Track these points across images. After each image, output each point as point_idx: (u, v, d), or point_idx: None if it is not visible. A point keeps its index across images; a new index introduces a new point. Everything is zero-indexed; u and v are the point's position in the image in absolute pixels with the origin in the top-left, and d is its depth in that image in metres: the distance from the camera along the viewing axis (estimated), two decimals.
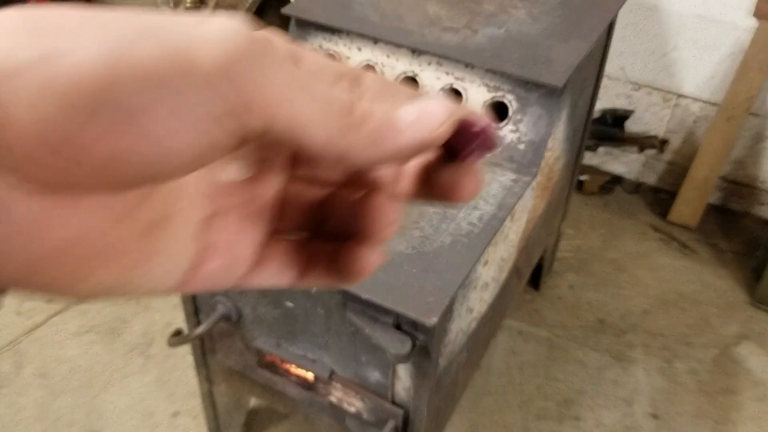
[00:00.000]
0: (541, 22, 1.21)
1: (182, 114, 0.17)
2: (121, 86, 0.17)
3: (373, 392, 1.01)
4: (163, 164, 0.18)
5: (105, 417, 1.50)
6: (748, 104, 1.94)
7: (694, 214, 2.12)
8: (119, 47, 0.17)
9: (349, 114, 0.20)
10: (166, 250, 0.22)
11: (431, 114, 0.22)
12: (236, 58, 0.18)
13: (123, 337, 1.69)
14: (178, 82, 0.17)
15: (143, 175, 0.18)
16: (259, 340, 1.07)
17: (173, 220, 0.22)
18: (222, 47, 0.18)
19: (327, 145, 0.20)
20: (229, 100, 0.18)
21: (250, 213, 0.25)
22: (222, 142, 0.18)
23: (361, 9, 1.22)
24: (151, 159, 0.18)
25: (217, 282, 0.24)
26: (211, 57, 0.18)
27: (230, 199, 0.24)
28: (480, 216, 0.99)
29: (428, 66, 1.14)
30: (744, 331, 1.80)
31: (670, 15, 2.01)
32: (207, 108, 0.18)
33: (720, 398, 1.62)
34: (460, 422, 1.52)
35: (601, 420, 1.55)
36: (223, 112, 0.18)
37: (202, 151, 0.18)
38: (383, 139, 0.21)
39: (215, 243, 0.24)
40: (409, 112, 0.22)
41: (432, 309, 0.83)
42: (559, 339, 1.74)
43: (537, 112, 1.08)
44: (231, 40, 0.18)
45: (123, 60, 0.17)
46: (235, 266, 0.25)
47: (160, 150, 0.17)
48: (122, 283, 0.21)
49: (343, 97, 0.20)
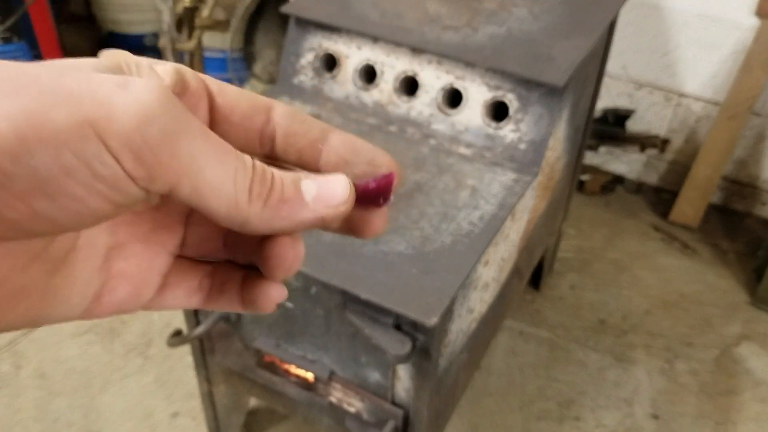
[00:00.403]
0: (542, 20, 1.20)
1: (90, 183, 0.18)
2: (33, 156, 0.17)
3: (373, 393, 1.00)
4: (72, 223, 0.19)
5: (103, 418, 1.50)
6: (750, 103, 1.94)
7: (696, 214, 2.11)
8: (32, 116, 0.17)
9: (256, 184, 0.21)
10: (73, 284, 0.23)
11: (333, 188, 0.23)
12: (148, 130, 0.18)
13: (122, 337, 1.68)
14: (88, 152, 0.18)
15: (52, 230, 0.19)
16: (258, 340, 1.07)
17: (77, 255, 0.23)
18: (136, 118, 0.18)
19: (230, 214, 0.21)
20: (137, 170, 0.19)
21: (153, 241, 0.26)
22: (127, 203, 0.19)
23: (361, 7, 1.22)
24: (60, 221, 0.19)
25: (124, 308, 0.25)
26: (124, 127, 0.18)
27: (133, 229, 0.25)
28: (481, 216, 0.99)
29: (428, 65, 1.14)
30: (745, 331, 1.79)
31: (671, 14, 2.00)
32: (114, 176, 0.18)
33: (721, 399, 1.61)
34: (460, 423, 1.51)
35: (602, 421, 1.54)
36: (130, 180, 0.19)
37: (108, 212, 0.19)
38: (287, 212, 0.22)
39: (120, 272, 0.24)
40: (311, 183, 0.23)
41: (432, 309, 0.83)
42: (559, 339, 1.74)
43: (538, 112, 1.08)
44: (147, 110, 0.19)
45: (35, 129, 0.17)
46: (140, 293, 0.25)
47: (69, 213, 0.19)
48: (37, 316, 0.22)
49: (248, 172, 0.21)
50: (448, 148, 1.12)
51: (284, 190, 0.22)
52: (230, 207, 0.21)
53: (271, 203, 0.22)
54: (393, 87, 1.17)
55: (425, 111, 1.15)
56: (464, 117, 1.13)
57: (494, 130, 1.11)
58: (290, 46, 1.24)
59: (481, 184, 1.05)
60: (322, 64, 1.22)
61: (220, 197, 0.20)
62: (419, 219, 0.98)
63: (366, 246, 0.92)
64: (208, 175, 0.20)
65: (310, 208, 0.23)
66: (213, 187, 0.20)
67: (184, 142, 0.19)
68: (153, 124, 0.19)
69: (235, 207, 0.21)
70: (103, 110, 0.18)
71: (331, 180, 0.23)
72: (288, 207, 0.22)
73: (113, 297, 0.24)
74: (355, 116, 1.18)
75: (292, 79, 1.24)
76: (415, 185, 1.04)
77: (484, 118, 1.11)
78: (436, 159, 1.10)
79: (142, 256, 0.25)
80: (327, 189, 0.23)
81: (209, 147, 0.20)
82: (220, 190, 0.20)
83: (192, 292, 0.27)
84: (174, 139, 0.19)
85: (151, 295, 0.25)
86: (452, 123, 1.14)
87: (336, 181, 0.23)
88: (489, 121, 1.11)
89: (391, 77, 1.17)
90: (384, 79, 1.17)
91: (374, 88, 1.18)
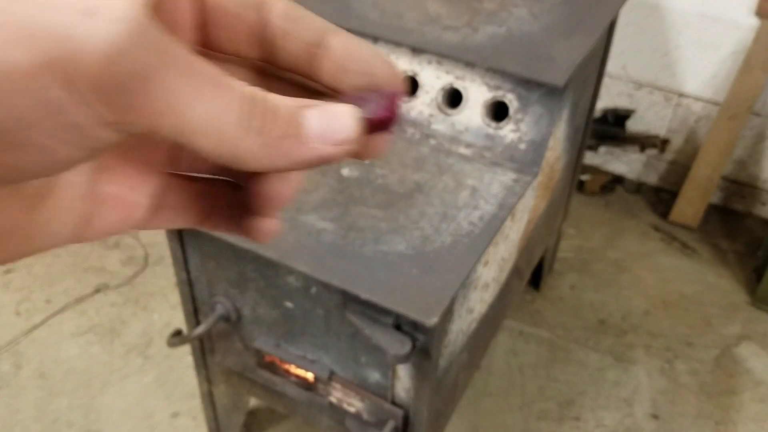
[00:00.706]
0: (542, 20, 1.21)
1: (57, 133, 0.16)
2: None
3: (373, 393, 1.01)
4: (42, 172, 0.18)
5: (103, 418, 1.50)
6: (750, 103, 1.94)
7: (696, 214, 2.11)
8: None
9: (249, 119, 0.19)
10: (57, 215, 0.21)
11: (339, 125, 0.21)
12: (118, 68, 0.16)
13: (122, 337, 1.68)
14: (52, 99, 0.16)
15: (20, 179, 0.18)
16: (258, 340, 1.07)
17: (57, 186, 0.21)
18: (103, 55, 0.16)
19: (220, 152, 0.19)
20: (109, 115, 0.17)
21: (141, 161, 0.24)
22: (105, 145, 0.18)
23: (361, 7, 1.22)
24: (36, 169, 0.17)
25: (116, 231, 0.24)
26: (90, 68, 0.16)
27: (117, 150, 0.23)
28: (481, 216, 0.99)
29: (428, 65, 1.14)
30: (745, 331, 1.79)
31: (672, 13, 2.00)
32: (84, 124, 0.17)
33: (721, 399, 1.61)
34: (460, 423, 1.51)
35: (602, 421, 1.54)
36: (103, 126, 0.17)
37: (82, 158, 0.18)
38: (286, 150, 0.20)
39: (107, 196, 0.23)
40: (315, 116, 0.20)
41: (432, 309, 0.83)
42: (559, 340, 1.74)
43: (538, 112, 1.08)
44: (115, 44, 0.16)
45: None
46: (131, 215, 0.23)
47: (36, 164, 0.17)
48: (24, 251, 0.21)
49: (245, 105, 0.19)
50: (448, 148, 1.12)
51: (284, 125, 0.20)
52: (220, 145, 0.19)
53: (267, 140, 0.19)
54: None
55: (425, 111, 1.15)
56: (464, 117, 1.13)
57: (494, 130, 1.11)
58: None
59: (481, 184, 1.05)
60: None
61: (208, 135, 0.18)
62: (419, 219, 0.98)
63: (366, 246, 0.93)
64: (193, 113, 0.18)
65: (313, 145, 0.20)
66: (199, 125, 0.18)
67: (163, 77, 0.17)
68: (123, 61, 0.16)
69: (225, 144, 0.19)
70: (65, 47, 0.15)
71: (338, 113, 0.21)
72: (287, 144, 0.20)
73: (103, 221, 0.23)
74: None
75: None
76: (415, 185, 1.04)
77: (484, 118, 1.11)
78: (436, 159, 1.10)
79: (129, 177, 0.23)
80: (332, 123, 0.20)
81: (194, 80, 0.18)
82: (207, 128, 0.18)
83: (186, 212, 0.25)
84: (150, 76, 0.17)
85: (142, 215, 0.24)
86: (452, 123, 1.14)
87: (343, 114, 0.21)
88: (489, 121, 1.11)
89: None
90: None
91: None
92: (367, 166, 1.07)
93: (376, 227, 0.96)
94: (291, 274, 0.95)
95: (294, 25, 0.23)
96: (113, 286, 1.82)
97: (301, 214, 0.97)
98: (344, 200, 1.00)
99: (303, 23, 0.23)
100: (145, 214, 0.24)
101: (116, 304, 1.77)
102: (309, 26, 0.23)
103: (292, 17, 0.23)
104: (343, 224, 0.96)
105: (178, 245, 1.06)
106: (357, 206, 1.00)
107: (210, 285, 1.07)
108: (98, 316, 1.73)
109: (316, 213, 0.97)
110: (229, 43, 0.23)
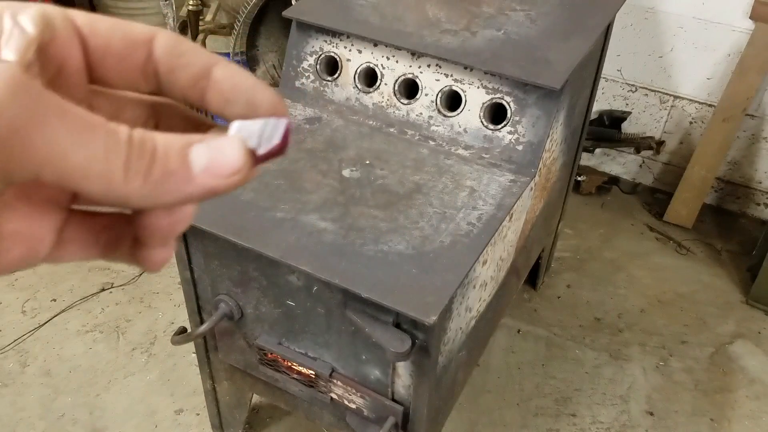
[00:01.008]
0: (539, 24, 1.23)
1: None
2: None
3: (374, 390, 1.02)
4: None
5: (108, 415, 1.52)
6: (744, 105, 1.96)
7: (691, 215, 2.13)
8: None
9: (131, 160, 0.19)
10: None
11: (225, 157, 0.21)
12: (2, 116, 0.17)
13: (126, 336, 1.70)
14: None
15: None
16: (261, 338, 1.09)
17: None
18: None
19: (106, 194, 0.19)
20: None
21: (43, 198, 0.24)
22: None
23: (362, 11, 1.24)
24: None
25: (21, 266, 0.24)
26: None
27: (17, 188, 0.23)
28: (479, 216, 1.01)
29: (428, 68, 1.16)
30: (740, 329, 1.82)
31: (667, 17, 2.02)
32: None
33: (716, 396, 1.64)
34: (459, 419, 1.53)
35: (598, 417, 1.56)
36: None
37: None
38: (172, 186, 0.20)
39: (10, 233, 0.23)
40: (201, 151, 0.21)
41: (431, 308, 0.85)
42: (556, 338, 1.76)
43: (535, 114, 1.10)
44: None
45: None
46: (35, 250, 0.24)
47: None
48: None
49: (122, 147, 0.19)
50: (447, 149, 1.14)
51: (168, 162, 0.20)
52: (104, 187, 0.19)
53: (152, 179, 0.20)
54: (393, 90, 1.19)
55: (425, 113, 1.17)
56: (463, 119, 1.15)
57: (492, 132, 1.13)
58: (292, 50, 1.26)
59: (479, 185, 1.07)
60: (324, 67, 1.24)
61: (90, 179, 0.19)
62: (419, 219, 1.00)
63: (366, 246, 0.94)
64: (73, 159, 0.18)
65: (199, 181, 0.20)
66: (81, 170, 0.19)
67: (40, 129, 0.18)
68: (5, 112, 0.17)
69: (110, 186, 0.19)
70: None
71: (225, 145, 0.21)
72: (173, 181, 0.20)
73: (7, 257, 0.23)
74: (355, 118, 1.21)
75: (294, 82, 1.26)
76: (415, 186, 1.06)
77: (482, 120, 1.13)
78: (436, 160, 1.12)
79: (31, 214, 0.23)
80: (219, 157, 0.21)
81: (70, 128, 0.18)
82: (88, 171, 0.19)
83: (90, 246, 0.25)
84: (27, 129, 0.18)
85: (47, 251, 0.24)
86: (451, 125, 1.16)
87: (229, 146, 0.21)
88: (487, 123, 1.13)
89: (391, 80, 1.19)
90: (384, 81, 1.19)
91: (375, 90, 1.20)
92: (368, 166, 1.09)
93: (376, 227, 0.98)
94: (293, 273, 0.97)
95: (178, 60, 0.23)
96: (118, 284, 1.83)
97: (302, 214, 0.99)
98: (345, 201, 1.02)
99: (187, 57, 0.23)
100: (50, 249, 0.24)
101: (121, 302, 1.79)
102: (193, 60, 0.23)
103: (176, 52, 0.23)
104: (344, 224, 0.98)
105: (182, 245, 1.07)
106: (357, 206, 1.01)
107: (213, 284, 1.09)
108: (103, 315, 1.75)
109: (317, 213, 0.99)
110: (122, 80, 0.23)
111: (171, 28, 2.01)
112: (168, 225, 0.23)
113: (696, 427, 1.56)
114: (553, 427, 1.54)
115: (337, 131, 1.18)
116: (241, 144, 0.21)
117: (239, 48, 2.00)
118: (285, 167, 1.08)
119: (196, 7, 1.90)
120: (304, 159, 1.10)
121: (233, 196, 1.01)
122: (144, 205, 0.21)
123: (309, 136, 1.16)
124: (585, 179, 2.29)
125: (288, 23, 1.27)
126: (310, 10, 1.24)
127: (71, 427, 1.49)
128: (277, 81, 1.89)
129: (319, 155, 1.11)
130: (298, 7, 1.26)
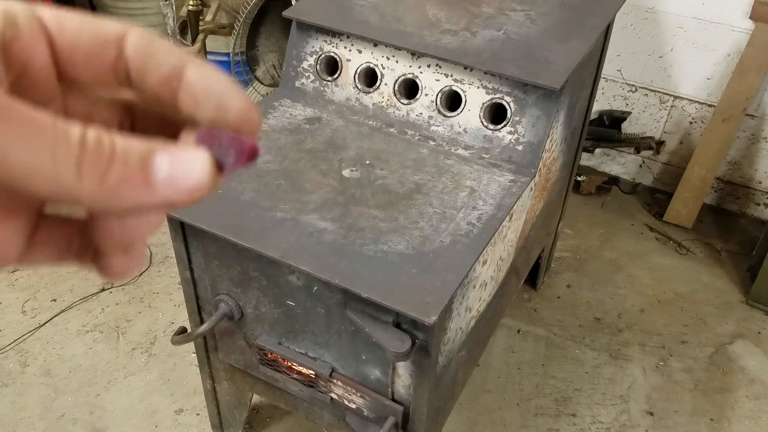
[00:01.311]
0: (539, 24, 1.23)
1: None
2: None
3: (374, 389, 1.02)
4: None
5: (108, 414, 1.52)
6: (744, 105, 1.96)
7: (691, 215, 2.13)
8: None
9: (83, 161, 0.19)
10: None
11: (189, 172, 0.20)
12: None
13: (126, 335, 1.70)
14: None
15: None
16: (261, 338, 1.09)
17: None
18: None
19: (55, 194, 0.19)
20: None
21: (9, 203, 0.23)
22: None
23: (362, 11, 1.24)
24: None
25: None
26: None
27: None
28: (479, 216, 1.01)
29: (428, 68, 1.16)
30: (739, 329, 1.82)
31: (667, 17, 2.03)
32: None
33: (715, 396, 1.64)
34: (459, 419, 1.53)
35: (598, 417, 1.57)
36: None
37: None
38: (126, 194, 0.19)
39: None
40: (164, 162, 0.20)
41: (431, 308, 0.85)
42: (556, 338, 1.76)
43: (535, 114, 1.10)
44: None
45: None
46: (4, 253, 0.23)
47: None
48: None
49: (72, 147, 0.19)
50: (447, 149, 1.14)
51: (127, 167, 0.19)
52: (53, 188, 0.19)
53: (108, 183, 0.19)
54: (393, 90, 1.19)
55: (425, 113, 1.17)
56: (463, 119, 1.15)
57: (492, 132, 1.13)
58: (292, 50, 1.26)
59: (479, 185, 1.07)
60: (324, 67, 1.24)
61: (37, 179, 0.18)
62: (419, 219, 1.00)
63: (366, 245, 0.94)
64: (16, 159, 0.18)
65: (158, 191, 0.20)
66: (25, 169, 0.18)
67: None
68: None
69: (59, 186, 0.19)
70: None
71: (190, 159, 0.20)
72: (130, 187, 0.19)
73: None
74: (355, 118, 1.21)
75: (294, 82, 1.26)
76: (415, 186, 1.06)
77: (482, 120, 1.13)
78: (436, 160, 1.12)
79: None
80: (181, 170, 0.20)
81: (12, 128, 0.18)
82: (34, 171, 0.18)
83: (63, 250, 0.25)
84: None
85: (16, 254, 0.23)
86: (451, 125, 1.16)
87: (194, 160, 0.20)
88: (487, 123, 1.13)
89: (391, 80, 1.19)
90: (384, 82, 1.19)
91: (375, 90, 1.21)
92: (368, 166, 1.09)
93: (376, 227, 0.98)
94: (293, 273, 0.97)
95: (150, 59, 0.22)
96: (118, 284, 1.83)
97: (302, 214, 0.99)
98: (345, 201, 1.02)
99: (158, 57, 0.22)
100: (19, 252, 0.23)
101: (121, 302, 1.79)
102: (164, 59, 0.22)
103: (147, 51, 0.22)
104: (344, 224, 0.98)
105: (182, 245, 1.08)
106: (357, 206, 1.01)
107: (213, 284, 1.09)
108: (103, 315, 1.75)
109: (317, 213, 0.99)
110: (92, 78, 0.23)
111: (171, 28, 2.02)
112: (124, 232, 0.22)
113: (696, 427, 1.56)
114: (553, 427, 1.54)
115: (337, 131, 1.18)
116: (206, 159, 0.20)
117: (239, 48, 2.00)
118: (285, 167, 1.08)
119: (196, 7, 1.90)
120: (305, 159, 1.10)
121: (233, 196, 1.01)
122: (98, 208, 0.20)
123: (309, 136, 1.16)
124: (585, 179, 2.29)
125: (288, 23, 1.27)
126: (310, 10, 1.24)
127: (71, 427, 1.49)
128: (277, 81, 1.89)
129: (319, 155, 1.11)
130: (298, 7, 1.26)
